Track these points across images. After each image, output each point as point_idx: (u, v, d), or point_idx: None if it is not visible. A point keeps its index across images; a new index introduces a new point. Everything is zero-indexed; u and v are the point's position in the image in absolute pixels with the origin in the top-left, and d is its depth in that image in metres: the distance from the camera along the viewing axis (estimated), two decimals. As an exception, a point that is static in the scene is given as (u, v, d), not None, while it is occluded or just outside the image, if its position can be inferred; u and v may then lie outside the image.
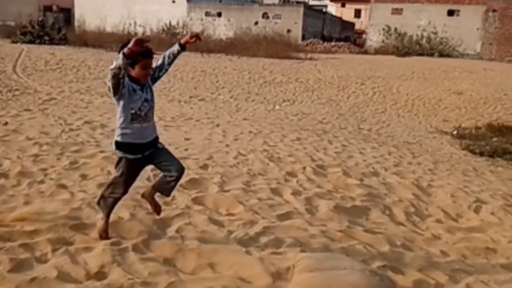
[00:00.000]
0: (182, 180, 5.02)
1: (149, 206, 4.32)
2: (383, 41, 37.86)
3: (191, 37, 3.59)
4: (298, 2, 47.10)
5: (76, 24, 37.87)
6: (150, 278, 3.17)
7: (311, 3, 49.19)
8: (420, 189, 6.05)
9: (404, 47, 35.59)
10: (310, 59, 26.96)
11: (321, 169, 6.36)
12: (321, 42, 38.92)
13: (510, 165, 10.70)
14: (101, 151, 6.03)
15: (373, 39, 38.87)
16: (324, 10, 50.84)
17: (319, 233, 4.15)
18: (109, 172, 5.22)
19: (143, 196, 3.65)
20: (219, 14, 43.48)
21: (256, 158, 6.48)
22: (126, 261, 3.35)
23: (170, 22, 38.04)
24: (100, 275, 3.18)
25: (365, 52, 35.74)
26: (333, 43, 38.30)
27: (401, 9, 37.99)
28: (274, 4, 44.24)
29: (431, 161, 8.34)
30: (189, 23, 41.02)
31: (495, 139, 13.34)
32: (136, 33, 33.36)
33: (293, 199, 4.99)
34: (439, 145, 11.88)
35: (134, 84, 3.32)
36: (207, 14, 43.65)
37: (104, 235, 3.62)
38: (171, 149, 6.53)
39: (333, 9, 55.45)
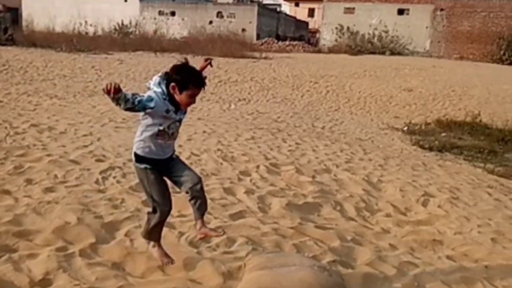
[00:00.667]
0: (132, 183, 4.96)
1: (98, 210, 4.24)
2: (336, 40, 38.52)
3: (206, 60, 3.42)
4: (252, 1, 47.23)
5: (23, 24, 36.55)
6: (98, 283, 3.09)
7: (265, 2, 49.41)
8: (371, 185, 6.18)
9: (356, 46, 36.32)
10: (265, 58, 27.10)
11: (275, 167, 6.40)
12: (276, 41, 39.23)
13: (458, 159, 11.12)
14: (48, 155, 5.83)
15: (327, 38, 39.48)
16: (278, 9, 51.22)
17: (271, 231, 4.17)
18: (55, 176, 5.06)
19: (202, 234, 3.24)
20: (173, 13, 43.08)
21: (210, 158, 6.45)
22: (73, 267, 3.25)
23: (122, 22, 37.33)
24: (44, 282, 3.07)
25: (319, 51, 36.27)
26: (287, 42, 38.67)
27: (353, 8, 38.76)
28: (228, 3, 44.23)
29: (381, 157, 8.53)
30: (141, 22, 40.37)
31: (443, 134, 13.84)
32: (87, 33, 32.51)
33: (246, 198, 5.00)
34: (390, 141, 12.20)
35: (171, 106, 2.98)
36: (160, 13, 43.15)
37: (167, 259, 3.30)
38: (121, 150, 6.43)
39: (287, 8, 55.94)
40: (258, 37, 40.07)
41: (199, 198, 3.14)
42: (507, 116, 15.83)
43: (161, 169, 3.15)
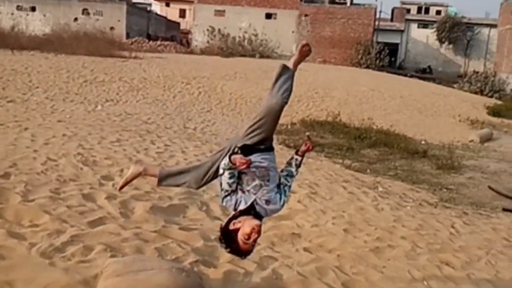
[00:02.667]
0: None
1: None
2: (208, 42, 38.85)
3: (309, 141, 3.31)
4: (121, -1, 45.68)
5: None
6: None
7: (134, 0, 48.09)
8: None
9: (228, 48, 36.99)
10: (135, 57, 26.37)
11: (140, 170, 6.24)
12: (147, 41, 38.41)
13: (319, 156, 11.85)
14: None
15: (199, 39, 39.65)
16: (148, 8, 50.19)
17: (133, 236, 4.06)
18: None
19: None
20: (33, 9, 40.05)
21: (68, 162, 6.09)
22: None
23: (-28, 16, 33.79)
24: None
25: (191, 52, 36.27)
26: (159, 42, 38.08)
27: (224, 11, 39.45)
28: (95, 0, 42.24)
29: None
30: (-3, 17, 36.93)
31: (307, 133, 14.66)
32: None
33: (107, 204, 4.80)
34: (259, 141, 12.59)
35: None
36: (18, 8, 39.86)
37: None
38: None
39: (157, 8, 55.07)
40: (128, 36, 38.88)
41: None
42: (363, 115, 17.29)
43: None
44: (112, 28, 38.20)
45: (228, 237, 2.85)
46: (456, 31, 50.38)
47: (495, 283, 4.52)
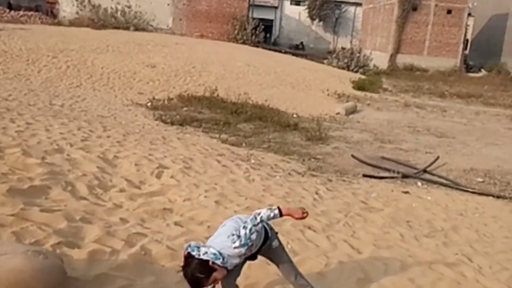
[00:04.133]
0: None
1: None
2: (77, 13, 36.43)
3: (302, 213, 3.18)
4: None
5: None
6: None
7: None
8: (106, 162, 6.12)
9: (99, 20, 35.02)
10: (-7, 28, 23.90)
11: (-4, 151, 5.75)
12: (8, 10, 34.97)
13: (197, 132, 11.88)
14: None
15: (67, 10, 37.01)
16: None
17: (-15, 222, 3.76)
18: None
19: None
20: None
21: None
22: None
23: None
24: None
25: (59, 24, 33.74)
26: (21, 13, 34.88)
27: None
28: None
29: (121, 134, 8.52)
30: None
31: (185, 108, 14.57)
32: None
33: (-45, 188, 4.37)
34: (133, 117, 12.26)
35: None
36: None
37: None
38: None
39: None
40: (-16, 5, 35.05)
41: None
42: (239, 90, 17.60)
43: None
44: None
45: (201, 267, 2.76)
46: (326, 9, 53.12)
47: (351, 242, 4.97)
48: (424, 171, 10.25)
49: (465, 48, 42.90)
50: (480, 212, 7.75)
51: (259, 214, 3.04)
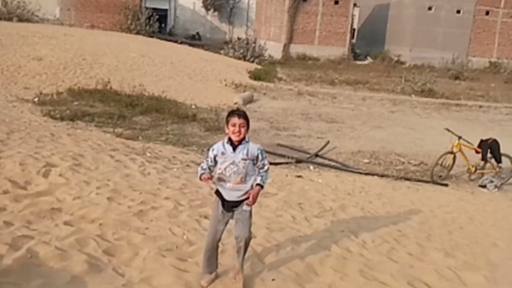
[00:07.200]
0: None
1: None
2: (-51, 1, 33.10)
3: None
4: None
5: None
6: None
7: None
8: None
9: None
10: None
11: None
12: None
13: (89, 127, 11.42)
14: None
15: None
16: None
17: None
18: None
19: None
20: None
21: None
22: None
23: None
24: None
25: None
26: None
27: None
28: None
29: (5, 132, 7.97)
30: None
31: (76, 103, 13.93)
32: None
33: None
34: (19, 114, 11.51)
35: (228, 145, 3.64)
36: None
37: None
38: None
39: None
40: None
41: (238, 251, 3.87)
42: (134, 82, 17.19)
43: (228, 211, 3.76)
44: None
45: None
46: (220, -1, 53.30)
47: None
48: (316, 155, 10.81)
49: (352, 37, 45.40)
50: (366, 191, 8.36)
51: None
